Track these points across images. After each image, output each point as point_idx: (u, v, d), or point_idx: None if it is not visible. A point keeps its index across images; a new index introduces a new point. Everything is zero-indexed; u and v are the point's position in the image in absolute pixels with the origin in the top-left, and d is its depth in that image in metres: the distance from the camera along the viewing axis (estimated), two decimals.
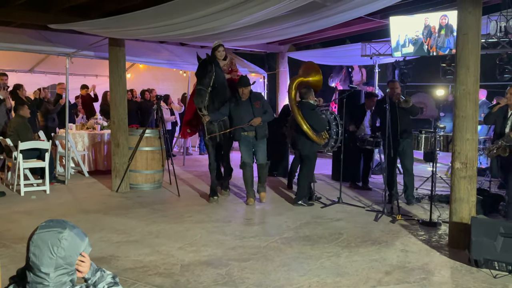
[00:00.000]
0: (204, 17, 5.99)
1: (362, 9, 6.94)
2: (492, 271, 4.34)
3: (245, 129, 6.74)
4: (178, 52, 10.61)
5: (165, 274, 4.30)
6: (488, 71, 8.96)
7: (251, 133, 6.79)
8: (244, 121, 6.69)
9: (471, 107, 4.99)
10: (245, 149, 6.89)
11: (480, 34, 5.07)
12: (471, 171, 5.00)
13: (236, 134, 6.81)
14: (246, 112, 6.72)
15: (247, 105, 6.74)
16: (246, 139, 6.81)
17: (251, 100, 6.76)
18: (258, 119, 6.69)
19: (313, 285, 4.08)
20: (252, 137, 6.81)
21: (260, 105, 6.77)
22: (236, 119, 6.79)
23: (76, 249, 1.87)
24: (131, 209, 6.73)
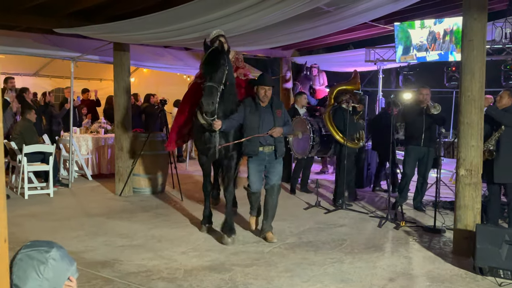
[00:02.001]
0: (209, 22, 6.01)
1: (367, 15, 6.96)
2: (497, 279, 4.30)
3: (261, 142, 5.34)
4: (182, 57, 10.63)
5: (168, 279, 4.29)
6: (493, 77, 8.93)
7: (269, 148, 5.38)
8: (263, 131, 5.30)
9: (476, 114, 4.97)
10: (256, 171, 5.44)
11: (485, 40, 5.06)
12: (476, 178, 4.98)
13: (251, 147, 5.32)
14: (267, 121, 5.33)
15: (268, 112, 5.37)
16: (260, 156, 5.37)
17: (272, 107, 5.41)
18: (279, 128, 5.32)
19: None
20: (268, 153, 5.39)
21: (282, 115, 5.47)
22: (250, 129, 5.31)
23: (64, 272, 1.69)
24: (134, 213, 6.73)
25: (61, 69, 10.91)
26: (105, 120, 10.35)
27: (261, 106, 5.38)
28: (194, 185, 8.79)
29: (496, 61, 9.08)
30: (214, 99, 5.01)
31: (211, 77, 5.05)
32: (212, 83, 5.01)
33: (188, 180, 9.02)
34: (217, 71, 5.05)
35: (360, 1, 5.96)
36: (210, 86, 5.01)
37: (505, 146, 5.51)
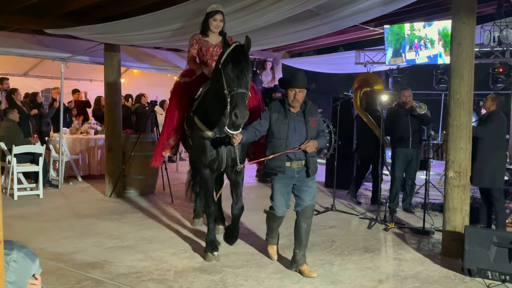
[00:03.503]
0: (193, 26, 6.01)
1: (357, 18, 7.01)
2: (486, 281, 4.36)
3: (289, 156, 4.37)
4: (172, 58, 10.62)
5: (158, 280, 4.28)
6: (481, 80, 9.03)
7: (298, 164, 4.39)
8: (293, 144, 4.35)
9: (465, 117, 5.02)
10: (282, 191, 4.48)
11: (474, 43, 5.12)
12: (465, 180, 5.03)
13: (274, 162, 4.37)
14: (298, 132, 4.38)
15: (300, 121, 4.39)
16: (288, 174, 4.39)
17: (305, 114, 4.42)
18: (314, 142, 4.36)
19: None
20: (298, 170, 4.40)
21: (316, 124, 4.48)
22: (277, 141, 4.38)
23: (27, 272, 1.63)
24: (124, 214, 6.70)
25: (51, 70, 10.85)
26: (95, 121, 10.31)
27: (291, 112, 4.38)
28: (184, 186, 8.77)
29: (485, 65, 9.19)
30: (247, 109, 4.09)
31: (241, 82, 4.04)
32: (245, 90, 4.06)
33: (178, 181, 9.00)
34: (247, 74, 4.12)
35: (350, 4, 6.01)
36: (243, 94, 4.03)
37: (481, 153, 5.59)
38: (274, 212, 4.56)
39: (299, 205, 4.47)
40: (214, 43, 5.04)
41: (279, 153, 4.33)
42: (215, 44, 5.04)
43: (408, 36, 9.45)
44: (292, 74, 4.49)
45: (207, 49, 5.03)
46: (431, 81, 9.65)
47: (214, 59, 4.92)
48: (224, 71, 4.09)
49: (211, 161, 4.71)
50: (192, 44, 5.05)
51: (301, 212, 4.47)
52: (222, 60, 4.16)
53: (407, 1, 6.56)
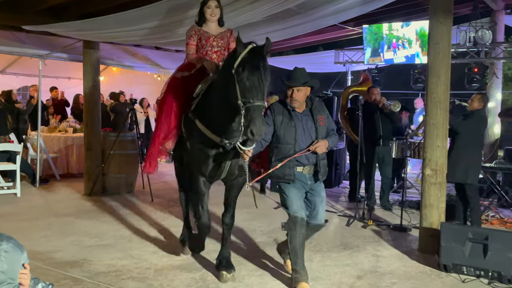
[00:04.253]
0: (180, 22, 6.00)
1: (336, 17, 7.08)
2: (461, 276, 4.45)
3: (301, 161, 3.97)
4: (152, 56, 10.56)
5: (138, 278, 4.27)
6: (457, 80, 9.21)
7: (309, 169, 4.00)
8: (300, 147, 3.94)
9: (441, 115, 5.12)
10: (297, 195, 3.98)
11: (450, 44, 5.22)
12: (441, 178, 5.13)
13: (283, 170, 3.95)
14: (307, 133, 3.99)
15: (308, 120, 4.01)
16: (300, 181, 3.99)
17: (313, 112, 4.05)
18: (324, 142, 3.96)
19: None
20: (310, 176, 4.02)
21: (325, 123, 4.08)
22: (283, 146, 3.98)
23: (18, 261, 1.74)
24: (104, 213, 6.65)
25: (29, 67, 10.67)
26: (74, 119, 10.19)
27: (296, 113, 3.99)
28: (164, 185, 8.75)
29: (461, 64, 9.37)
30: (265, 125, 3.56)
31: (258, 93, 3.46)
32: (262, 102, 3.48)
33: (158, 180, 8.96)
34: (265, 84, 3.52)
35: (330, 3, 6.08)
36: (260, 108, 3.45)
37: (456, 148, 5.71)
38: (294, 215, 3.88)
39: (313, 218, 4.02)
40: (215, 33, 4.57)
41: (287, 159, 3.88)
42: (216, 34, 4.58)
43: (387, 36, 9.58)
44: (291, 72, 4.07)
45: (207, 40, 4.55)
46: (409, 80, 9.82)
47: (214, 50, 4.56)
48: (238, 77, 3.48)
49: (212, 169, 4.11)
50: (190, 36, 4.57)
51: (311, 226, 4.03)
52: (237, 63, 3.50)
53: (385, 1, 6.67)
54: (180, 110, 4.40)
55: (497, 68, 9.87)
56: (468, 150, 5.71)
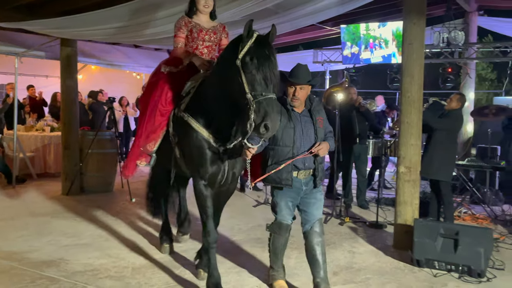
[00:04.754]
0: (159, 20, 6.00)
1: (314, 17, 7.16)
2: (433, 270, 4.57)
3: (297, 165, 3.73)
4: (131, 54, 10.52)
5: (115, 277, 4.27)
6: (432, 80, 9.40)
7: (306, 173, 3.78)
8: (301, 151, 3.71)
9: (415, 114, 5.23)
10: (287, 204, 3.83)
11: (423, 44, 5.33)
12: (415, 175, 5.24)
13: (279, 174, 3.72)
14: (305, 135, 3.76)
15: (307, 121, 3.79)
16: (295, 187, 3.77)
17: (311, 113, 3.83)
18: (325, 144, 3.75)
19: (263, 286, 4.16)
20: (305, 181, 3.80)
21: (324, 124, 3.89)
22: (282, 148, 3.73)
23: None
24: (81, 213, 6.61)
25: (4, 65, 10.53)
26: (52, 118, 10.09)
27: (295, 113, 3.76)
28: (143, 184, 8.70)
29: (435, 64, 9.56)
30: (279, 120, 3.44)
31: (270, 84, 3.21)
32: (275, 95, 3.24)
33: (137, 179, 8.92)
34: (277, 75, 3.29)
35: (308, 3, 6.14)
36: (273, 100, 3.20)
37: (431, 146, 5.85)
38: (280, 220, 3.82)
39: (307, 222, 3.80)
40: (207, 26, 4.26)
41: (287, 162, 3.64)
42: (208, 28, 4.27)
43: (364, 36, 9.70)
44: (293, 68, 3.78)
45: (198, 33, 4.20)
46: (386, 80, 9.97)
47: (206, 45, 4.26)
48: (245, 69, 3.20)
49: (213, 174, 3.78)
50: (179, 28, 4.19)
51: (311, 231, 3.79)
52: (243, 53, 3.22)
53: (362, 1, 6.76)
54: (166, 108, 4.06)
55: (470, 68, 10.12)
56: (443, 148, 5.85)
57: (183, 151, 3.94)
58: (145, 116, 4.21)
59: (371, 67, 10.46)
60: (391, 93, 11.05)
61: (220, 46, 4.36)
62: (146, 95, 4.36)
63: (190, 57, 4.12)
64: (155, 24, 6.17)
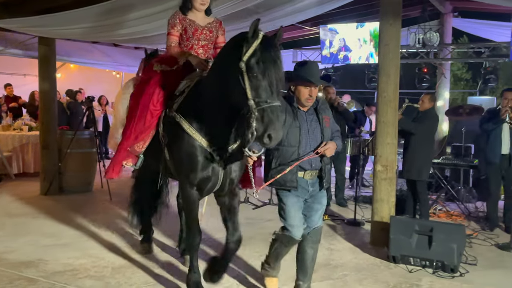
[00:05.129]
0: (137, 19, 6.00)
1: (294, 17, 7.23)
2: (408, 266, 4.68)
3: (302, 166, 3.57)
4: (111, 53, 10.46)
5: (95, 277, 4.27)
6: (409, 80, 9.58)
7: (312, 174, 3.63)
8: (307, 151, 3.55)
9: (391, 113, 5.34)
10: (296, 206, 3.63)
11: (399, 45, 5.44)
12: (391, 173, 5.36)
13: (284, 176, 3.53)
14: (311, 135, 3.60)
15: (312, 120, 3.63)
16: (301, 187, 3.60)
17: (317, 112, 3.66)
18: (332, 143, 3.59)
19: (242, 284, 4.22)
20: (312, 182, 3.64)
21: (330, 123, 3.73)
22: (288, 149, 3.55)
23: None
24: (60, 213, 6.56)
25: None
26: (30, 117, 9.97)
27: (301, 112, 3.60)
28: (123, 184, 8.68)
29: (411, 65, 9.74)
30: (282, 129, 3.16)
31: (275, 91, 2.98)
32: (280, 102, 3.02)
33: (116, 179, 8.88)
34: (283, 80, 3.07)
35: (288, 3, 6.21)
36: (277, 109, 2.98)
37: (411, 147, 5.99)
38: (290, 235, 3.58)
39: (307, 227, 3.67)
40: (202, 24, 4.02)
41: (294, 164, 3.47)
42: (204, 25, 4.03)
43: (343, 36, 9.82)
44: (306, 67, 3.55)
45: (194, 31, 3.99)
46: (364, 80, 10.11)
47: (201, 44, 4.04)
48: (249, 72, 2.96)
49: (203, 179, 3.56)
50: (173, 25, 3.97)
51: (308, 236, 3.68)
52: (248, 55, 2.97)
53: (341, 2, 6.86)
54: (157, 109, 3.84)
55: (445, 69, 10.35)
56: (423, 148, 6.00)
57: (172, 153, 3.72)
58: (134, 116, 3.96)
59: (350, 67, 10.60)
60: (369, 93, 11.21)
61: (216, 44, 4.13)
62: (136, 94, 4.16)
63: (186, 56, 3.91)
64: (133, 23, 6.17)
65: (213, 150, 3.47)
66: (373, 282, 4.33)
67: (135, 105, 4.04)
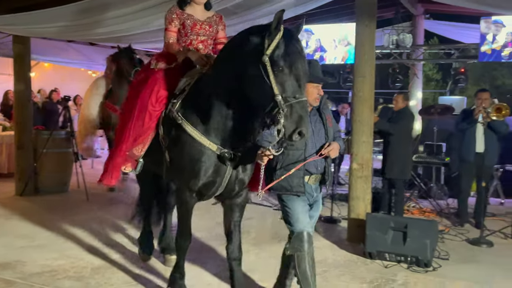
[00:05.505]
0: (113, 19, 5.98)
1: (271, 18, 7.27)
2: (384, 262, 4.81)
3: (309, 170, 3.42)
4: (86, 52, 10.34)
5: (74, 278, 4.26)
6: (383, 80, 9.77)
7: (315, 178, 3.50)
8: (310, 152, 3.40)
9: (367, 113, 5.47)
10: (304, 209, 3.46)
11: (374, 45, 5.58)
12: (367, 171, 5.48)
13: (292, 180, 3.37)
14: (316, 135, 3.46)
15: (316, 121, 3.50)
16: (307, 191, 3.46)
17: (320, 112, 3.54)
18: (336, 144, 3.44)
19: (223, 282, 4.25)
20: (315, 187, 3.53)
21: (333, 123, 3.63)
22: (293, 152, 3.38)
23: None
24: (37, 214, 6.48)
25: None
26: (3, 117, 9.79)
27: None
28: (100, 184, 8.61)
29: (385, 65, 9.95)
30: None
31: (302, 86, 2.85)
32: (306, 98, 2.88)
33: (93, 178, 8.78)
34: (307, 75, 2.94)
35: (265, 4, 6.26)
36: (306, 104, 2.83)
37: (392, 147, 6.15)
38: (302, 234, 3.35)
39: None
40: (201, 18, 3.80)
41: (300, 165, 3.30)
42: (203, 20, 3.80)
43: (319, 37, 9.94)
44: (311, 66, 3.32)
45: (192, 26, 3.76)
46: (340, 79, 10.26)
47: (200, 40, 3.81)
48: (274, 66, 2.78)
49: (206, 185, 3.37)
50: (170, 20, 3.75)
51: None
52: (271, 48, 2.78)
53: (318, 2, 6.95)
54: (156, 109, 3.61)
55: (418, 69, 10.61)
56: (403, 147, 6.17)
57: (172, 157, 3.50)
58: (131, 117, 3.70)
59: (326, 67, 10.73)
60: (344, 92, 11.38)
61: (216, 40, 3.92)
62: (132, 95, 3.93)
63: (185, 52, 3.69)
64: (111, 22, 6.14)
65: (222, 152, 3.25)
66: (351, 278, 4.43)
67: (131, 106, 3.78)
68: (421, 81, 10.86)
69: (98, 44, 10.30)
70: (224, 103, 3.16)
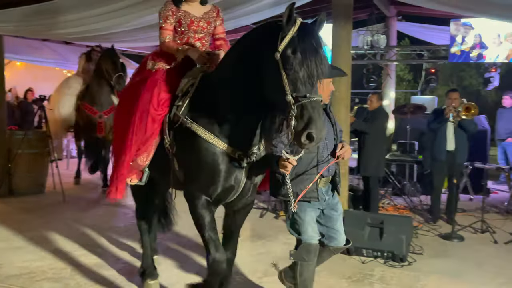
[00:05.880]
0: (90, 18, 5.94)
1: (248, 18, 7.35)
2: (361, 258, 4.92)
3: (322, 174, 3.21)
4: (61, 51, 10.19)
5: (54, 279, 4.23)
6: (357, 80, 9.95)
7: (326, 181, 3.32)
8: (322, 156, 3.22)
9: (343, 112, 5.59)
10: (313, 218, 3.32)
11: (350, 46, 5.70)
12: (344, 169, 5.59)
13: (304, 186, 3.17)
14: (327, 137, 3.23)
15: (325, 122, 3.22)
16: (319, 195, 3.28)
17: (327, 111, 3.33)
18: (348, 146, 3.26)
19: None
20: (326, 190, 3.32)
21: (338, 123, 3.48)
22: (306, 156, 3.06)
23: None
24: (12, 215, 6.39)
25: None
26: None
27: None
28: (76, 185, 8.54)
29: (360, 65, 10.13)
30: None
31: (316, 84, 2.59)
32: (321, 97, 2.61)
33: (70, 179, 8.72)
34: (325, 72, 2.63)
35: (243, 5, 6.31)
36: (320, 103, 2.57)
37: (367, 146, 6.30)
38: (310, 245, 3.24)
39: (333, 239, 3.37)
40: (198, 15, 3.56)
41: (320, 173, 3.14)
42: (200, 16, 3.56)
43: None
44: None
45: (189, 23, 3.53)
46: None
47: (198, 37, 3.59)
48: (286, 64, 2.56)
49: (225, 191, 3.11)
50: (165, 18, 3.50)
51: (330, 249, 3.41)
52: (284, 45, 2.57)
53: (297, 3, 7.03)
54: (159, 113, 3.31)
55: (391, 70, 10.84)
56: (378, 146, 6.30)
57: (183, 164, 3.21)
58: (131, 123, 3.37)
59: None
60: None
61: (215, 35, 3.70)
62: (128, 99, 3.61)
63: (185, 50, 3.44)
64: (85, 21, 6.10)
65: (238, 155, 3.02)
66: (329, 274, 4.51)
67: (129, 111, 3.43)
68: (394, 81, 11.10)
69: (74, 43, 10.18)
70: (236, 104, 2.92)
